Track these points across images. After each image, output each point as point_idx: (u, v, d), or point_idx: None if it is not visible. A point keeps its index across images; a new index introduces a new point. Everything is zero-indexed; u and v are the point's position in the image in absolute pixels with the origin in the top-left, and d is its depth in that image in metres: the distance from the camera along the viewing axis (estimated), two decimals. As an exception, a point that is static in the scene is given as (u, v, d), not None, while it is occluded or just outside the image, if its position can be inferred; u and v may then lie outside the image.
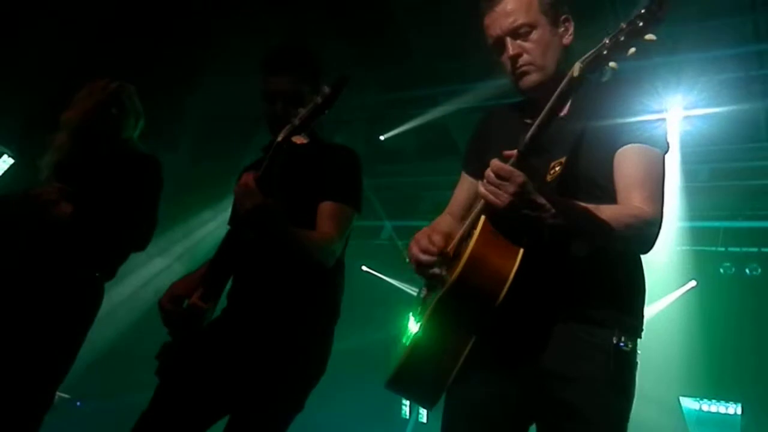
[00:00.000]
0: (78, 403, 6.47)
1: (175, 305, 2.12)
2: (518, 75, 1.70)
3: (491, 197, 1.45)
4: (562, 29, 1.73)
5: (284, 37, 5.07)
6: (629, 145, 1.60)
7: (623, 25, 1.31)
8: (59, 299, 2.44)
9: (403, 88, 6.35)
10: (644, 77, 1.68)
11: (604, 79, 1.51)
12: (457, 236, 1.68)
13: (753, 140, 6.18)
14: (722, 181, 6.40)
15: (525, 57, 1.67)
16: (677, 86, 5.29)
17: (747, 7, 4.88)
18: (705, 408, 7.69)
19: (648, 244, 1.60)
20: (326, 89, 1.85)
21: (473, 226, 1.57)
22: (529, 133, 1.47)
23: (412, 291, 9.38)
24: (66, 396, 5.69)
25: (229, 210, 2.30)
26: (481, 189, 1.48)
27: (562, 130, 1.61)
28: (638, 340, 1.63)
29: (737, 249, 7.41)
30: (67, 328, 2.47)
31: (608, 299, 1.61)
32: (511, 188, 1.43)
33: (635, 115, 1.62)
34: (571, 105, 1.66)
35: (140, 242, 2.60)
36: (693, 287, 7.66)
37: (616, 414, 1.57)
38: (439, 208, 1.97)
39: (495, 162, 1.46)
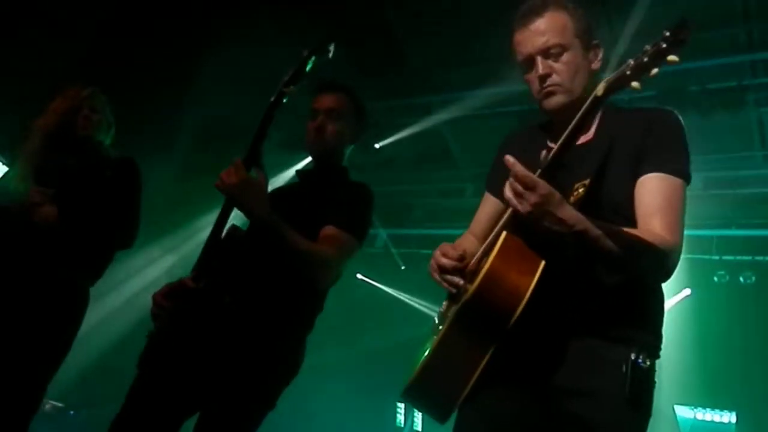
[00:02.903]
0: (71, 412, 6.42)
1: (167, 300, 2.11)
2: (544, 94, 1.69)
3: (515, 201, 1.46)
4: (592, 54, 1.73)
5: (281, 43, 5.08)
6: (652, 174, 1.59)
7: (647, 48, 1.35)
8: (45, 302, 2.44)
9: (399, 96, 6.37)
10: (673, 110, 1.68)
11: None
12: (479, 252, 1.67)
13: (746, 149, 6.24)
14: (715, 190, 6.43)
15: (554, 77, 1.67)
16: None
17: (740, 16, 4.92)
18: (700, 416, 7.67)
19: (665, 272, 1.59)
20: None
21: (494, 241, 1.56)
22: (552, 152, 1.49)
23: (408, 300, 9.38)
24: (60, 405, 5.65)
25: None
26: (507, 192, 1.48)
27: (587, 153, 1.64)
28: (657, 360, 1.62)
29: (731, 257, 7.44)
30: (54, 331, 2.47)
31: (628, 317, 1.61)
32: (533, 198, 1.42)
33: (660, 144, 1.61)
34: (597, 128, 1.70)
35: (125, 240, 2.61)
36: (687, 296, 7.67)
37: (632, 431, 1.56)
38: (433, 217, 1.98)
39: (520, 169, 1.44)
